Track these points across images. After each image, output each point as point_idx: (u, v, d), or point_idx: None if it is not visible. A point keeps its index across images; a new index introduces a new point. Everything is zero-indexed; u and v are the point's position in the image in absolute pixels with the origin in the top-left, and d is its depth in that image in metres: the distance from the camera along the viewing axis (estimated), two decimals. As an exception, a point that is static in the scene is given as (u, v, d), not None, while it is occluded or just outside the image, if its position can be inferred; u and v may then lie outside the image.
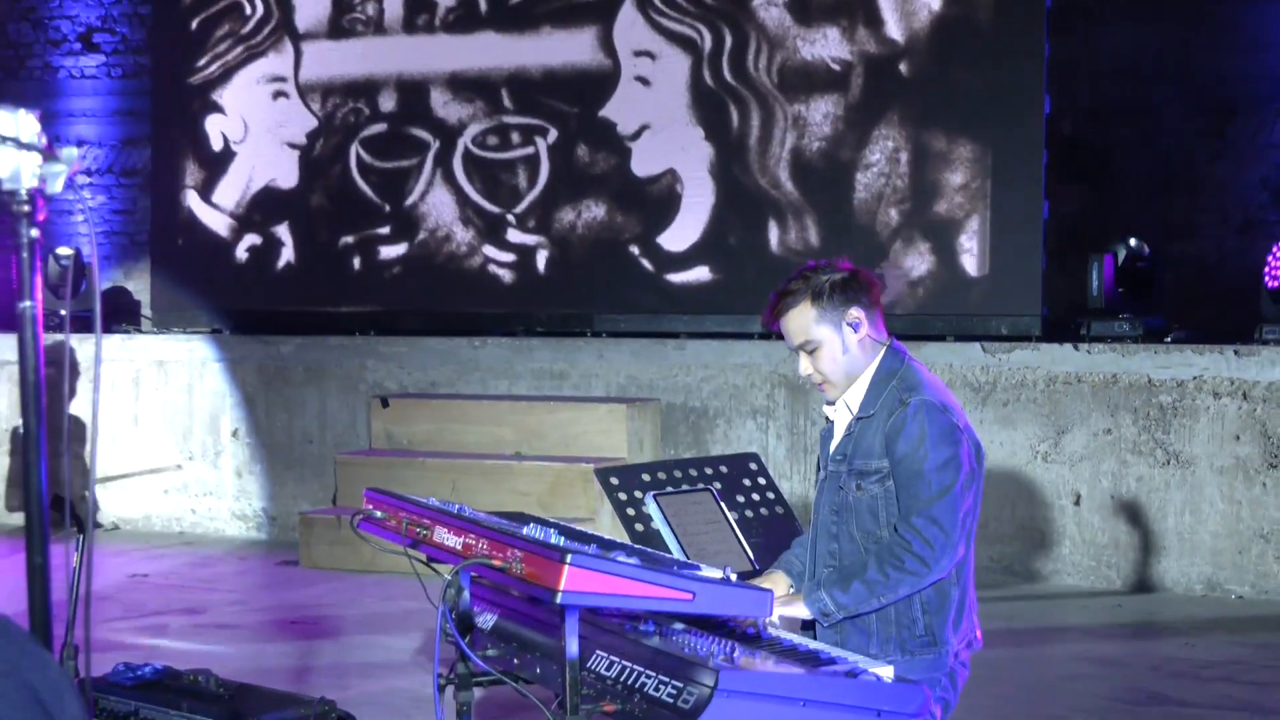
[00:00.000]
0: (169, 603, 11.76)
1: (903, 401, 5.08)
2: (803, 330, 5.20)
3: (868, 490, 5.10)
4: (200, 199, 15.87)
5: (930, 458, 5.00)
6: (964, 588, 5.18)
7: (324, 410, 14.48)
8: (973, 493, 5.10)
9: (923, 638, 5.10)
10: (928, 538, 4.95)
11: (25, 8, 17.98)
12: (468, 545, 4.37)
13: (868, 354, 5.22)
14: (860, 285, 5.23)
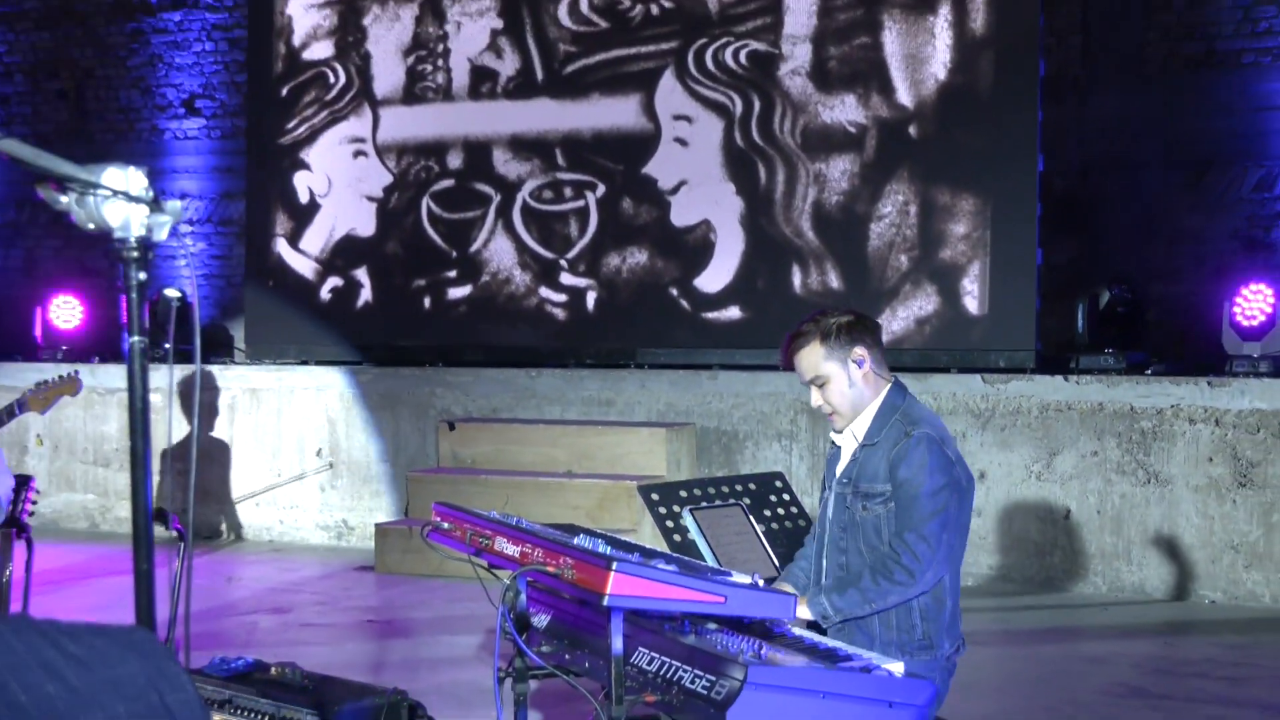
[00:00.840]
0: (259, 603, 11.79)
1: (907, 433, 5.12)
2: (813, 367, 5.25)
3: (873, 510, 5.13)
4: (289, 246, 15.92)
5: (927, 484, 5.04)
6: (955, 599, 5.21)
7: (397, 433, 14.50)
8: (958, 518, 5.12)
9: (921, 641, 5.12)
10: (917, 553, 4.99)
11: (135, 77, 18.08)
12: (525, 553, 4.39)
13: (872, 388, 5.26)
14: (864, 327, 5.30)
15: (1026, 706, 8.66)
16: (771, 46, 13.92)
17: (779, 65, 13.89)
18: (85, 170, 3.80)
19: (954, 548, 5.14)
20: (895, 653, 5.10)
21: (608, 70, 14.60)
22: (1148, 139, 13.70)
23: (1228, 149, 13.43)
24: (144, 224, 3.90)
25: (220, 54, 17.69)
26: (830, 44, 13.70)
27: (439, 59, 15.32)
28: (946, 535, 5.06)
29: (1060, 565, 12.17)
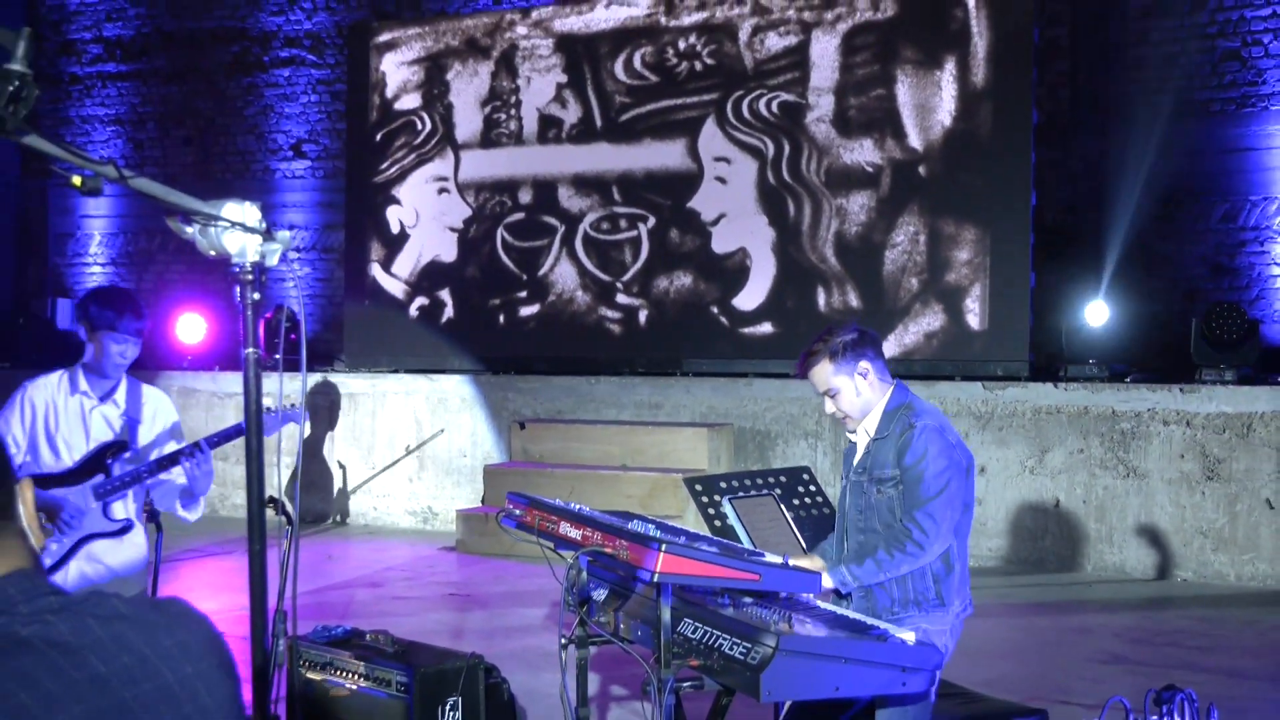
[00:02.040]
0: (356, 578, 11.81)
1: (910, 425, 5.13)
2: (824, 381, 5.27)
3: (885, 493, 5.14)
4: (382, 270, 15.97)
5: (930, 468, 5.04)
6: (964, 564, 5.22)
7: (475, 431, 14.52)
8: (961, 496, 5.13)
9: (934, 600, 5.12)
10: (924, 529, 5.00)
11: (250, 125, 18.16)
12: (586, 536, 4.37)
13: (877, 392, 5.27)
14: (866, 342, 5.31)
15: (1023, 671, 8.62)
16: (799, 97, 13.92)
17: (806, 114, 13.88)
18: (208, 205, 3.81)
19: (959, 520, 5.15)
20: (912, 608, 5.13)
21: (657, 118, 14.61)
22: (1127, 177, 13.65)
23: (1197, 186, 13.40)
24: (258, 251, 3.91)
25: (323, 105, 17.76)
26: (850, 95, 13.69)
27: (512, 108, 15.35)
28: (950, 511, 5.06)
29: (1051, 548, 12.12)
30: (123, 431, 5.95)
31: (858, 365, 5.26)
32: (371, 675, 5.81)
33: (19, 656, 1.94)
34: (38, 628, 1.98)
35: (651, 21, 14.71)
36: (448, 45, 15.74)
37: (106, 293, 6.11)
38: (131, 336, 5.88)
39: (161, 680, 2.06)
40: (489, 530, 12.68)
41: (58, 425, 5.92)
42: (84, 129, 19.26)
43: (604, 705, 7.51)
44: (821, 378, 5.30)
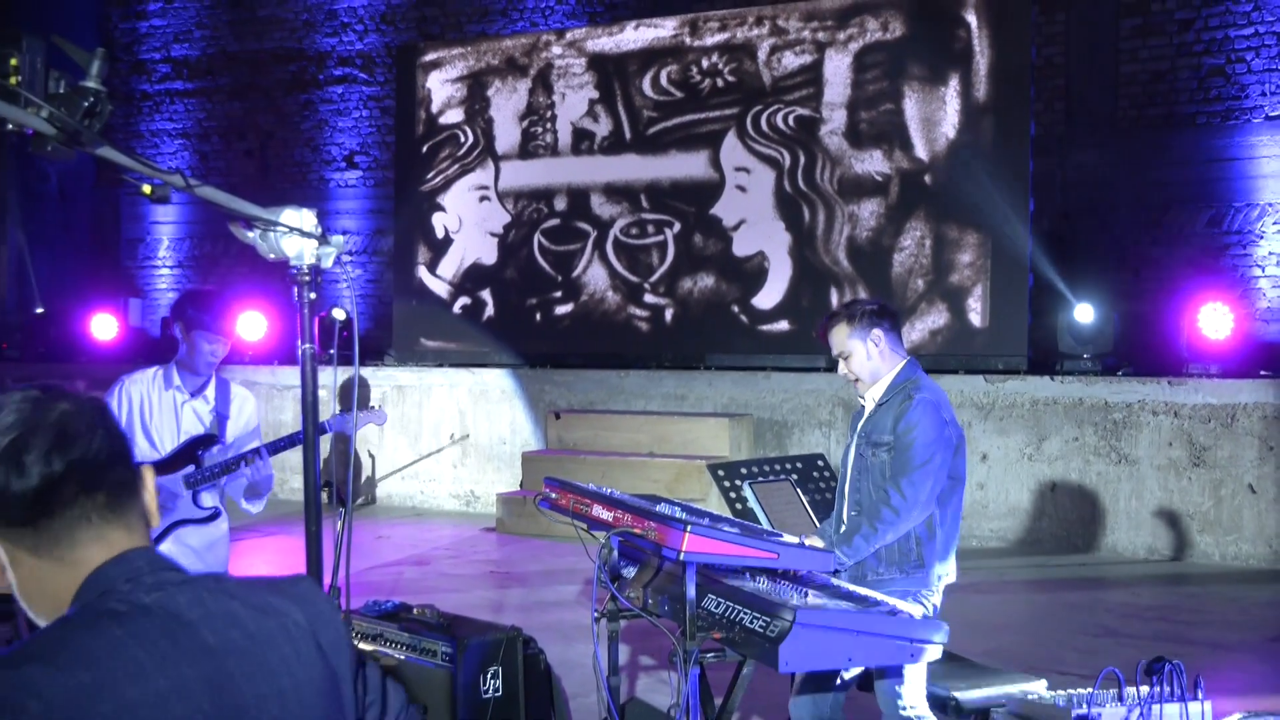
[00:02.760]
0: (404, 556, 11.83)
1: (909, 396, 5.20)
2: (840, 342, 5.34)
3: (879, 457, 5.19)
4: (428, 272, 15.99)
5: (919, 439, 5.08)
6: (949, 532, 5.25)
7: (514, 421, 14.53)
8: (947, 469, 5.14)
9: (915, 561, 5.15)
10: (904, 495, 5.04)
11: (307, 138, 18.22)
12: (616, 518, 4.37)
13: (888, 363, 5.33)
14: (883, 314, 5.39)
15: (1021, 642, 8.60)
16: (814, 112, 13.90)
17: (820, 127, 13.86)
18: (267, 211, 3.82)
19: (945, 490, 5.17)
20: (895, 569, 5.17)
21: (682, 131, 14.61)
22: (1118, 186, 13.64)
23: (1184, 193, 13.37)
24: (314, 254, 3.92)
25: (374, 119, 17.80)
26: (861, 109, 13.67)
27: (547, 122, 15.36)
28: (933, 482, 5.09)
29: (1048, 530, 12.09)
30: (212, 426, 5.99)
31: (871, 332, 5.33)
32: (418, 646, 5.82)
33: (140, 620, 2.03)
34: (159, 596, 2.09)
35: (677, 42, 14.71)
36: (489, 64, 15.75)
37: (200, 295, 6.15)
38: (222, 336, 5.93)
39: (263, 658, 2.14)
40: (527, 512, 12.69)
41: (152, 417, 5.96)
42: (153, 142, 19.33)
43: (633, 674, 7.51)
44: (838, 339, 5.38)
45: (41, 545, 2.09)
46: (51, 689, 1.90)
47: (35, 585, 2.11)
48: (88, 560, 2.10)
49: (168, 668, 2.01)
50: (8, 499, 2.07)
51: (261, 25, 18.60)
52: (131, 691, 1.95)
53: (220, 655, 2.09)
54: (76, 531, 2.11)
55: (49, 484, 2.08)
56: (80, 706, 1.90)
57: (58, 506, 2.09)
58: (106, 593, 2.07)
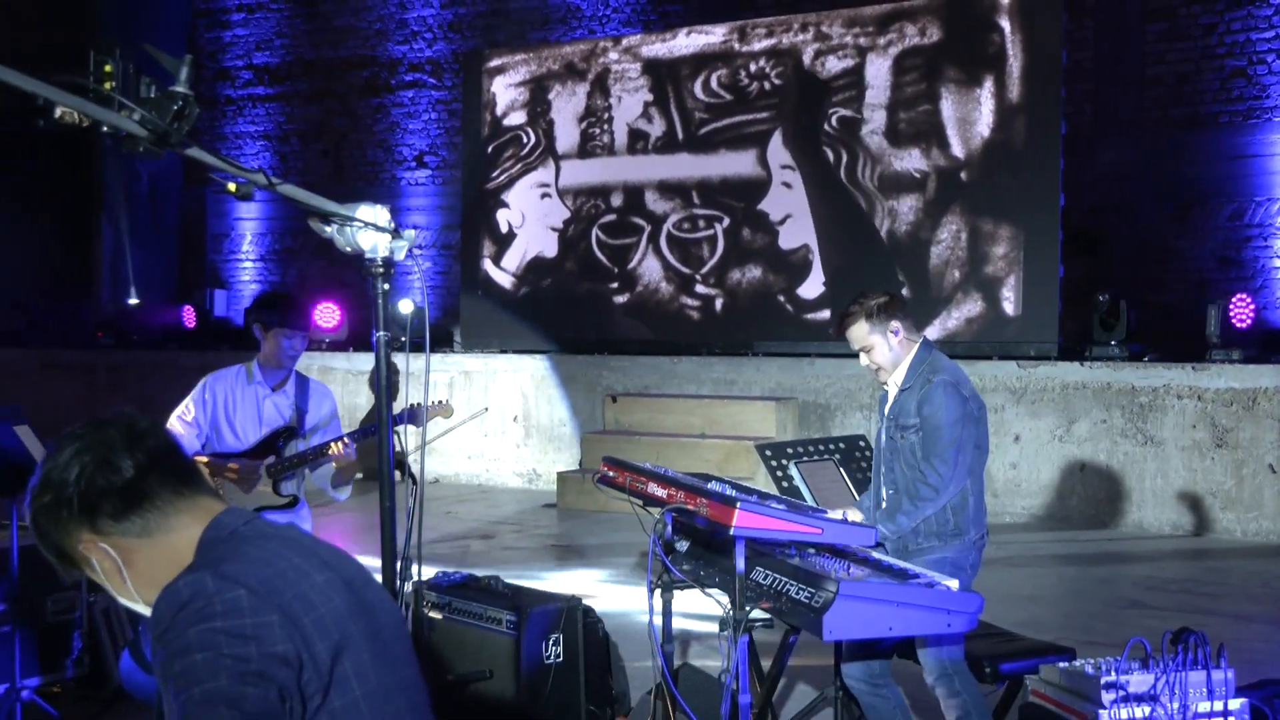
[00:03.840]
0: (471, 531, 11.88)
1: (929, 380, 5.19)
2: (860, 339, 5.33)
3: (908, 439, 5.19)
4: (493, 264, 16.03)
5: (944, 420, 5.08)
6: (979, 497, 5.26)
7: (574, 404, 14.55)
8: (973, 440, 5.14)
9: (953, 530, 5.15)
10: (940, 473, 5.06)
11: (379, 139, 18.29)
12: (670, 495, 4.37)
13: (905, 348, 5.31)
14: (896, 305, 5.36)
15: (1052, 613, 8.55)
16: (856, 113, 13.84)
17: (861, 126, 13.81)
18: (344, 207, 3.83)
19: (973, 461, 5.17)
20: (934, 539, 5.18)
21: (731, 131, 14.58)
22: (1145, 182, 13.53)
23: (1207, 189, 13.26)
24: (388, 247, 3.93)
25: (442, 121, 17.84)
26: (900, 110, 13.60)
27: (605, 124, 15.36)
28: (962, 456, 5.10)
29: (1077, 507, 12.02)
30: (292, 419, 6.04)
31: (889, 325, 5.31)
32: (485, 615, 5.83)
33: (275, 542, 2.35)
34: (275, 529, 2.40)
35: (726, 47, 14.67)
36: (550, 69, 15.76)
37: (276, 297, 6.25)
38: (300, 332, 6.03)
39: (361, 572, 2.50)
40: (585, 489, 12.73)
41: (235, 411, 6.03)
42: (237, 144, 19.45)
43: (686, 642, 7.52)
44: (858, 335, 5.36)
45: (151, 525, 2.32)
46: (249, 579, 2.18)
47: (152, 566, 2.33)
48: (194, 524, 2.35)
49: (316, 568, 2.32)
50: (113, 496, 2.30)
51: (337, 34, 18.68)
52: (303, 583, 2.26)
53: (339, 568, 2.40)
54: (176, 503, 2.35)
55: (141, 472, 2.32)
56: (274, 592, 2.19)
57: (154, 488, 2.33)
58: (232, 534, 2.34)
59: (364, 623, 2.33)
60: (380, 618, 2.41)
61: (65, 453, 2.35)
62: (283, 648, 2.14)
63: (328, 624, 2.24)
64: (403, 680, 2.41)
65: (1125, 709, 4.10)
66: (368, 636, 2.32)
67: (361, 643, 2.30)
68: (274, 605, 2.17)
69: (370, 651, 2.31)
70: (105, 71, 2.90)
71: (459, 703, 5.77)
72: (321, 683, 2.19)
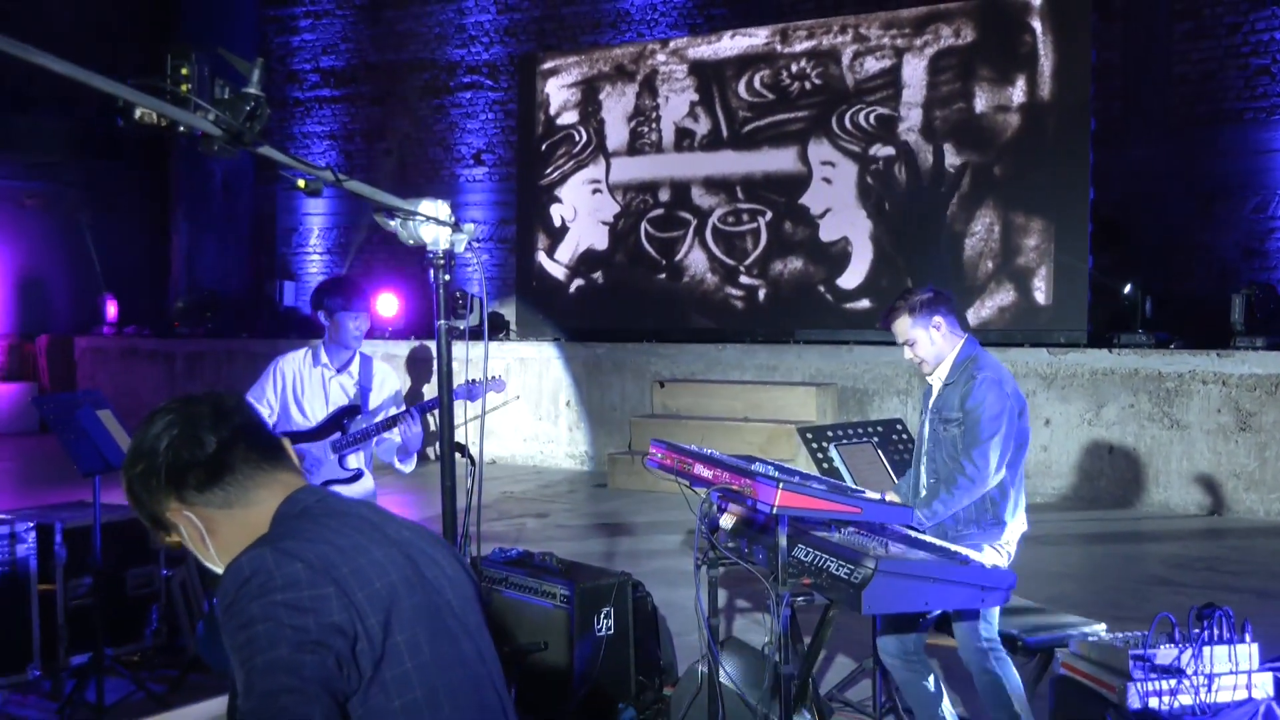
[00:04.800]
0: (526, 509, 11.91)
1: (973, 376, 5.17)
2: (904, 332, 5.30)
3: (950, 432, 5.17)
4: (547, 256, 16.06)
5: (985, 414, 5.07)
6: (1018, 489, 5.24)
7: (624, 389, 14.56)
8: (1013, 435, 5.14)
9: (990, 520, 5.14)
10: (977, 464, 5.05)
11: (439, 139, 18.35)
12: (716, 475, 4.36)
13: (949, 343, 5.29)
14: (940, 301, 5.33)
15: (1081, 590, 8.50)
16: (893, 110, 13.78)
17: (898, 124, 13.75)
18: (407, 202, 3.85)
19: (1013, 456, 5.15)
20: (974, 526, 5.16)
21: (774, 129, 14.54)
22: (1172, 176, 13.42)
23: (1231, 183, 13.15)
24: (448, 240, 3.94)
25: (498, 121, 17.88)
26: (936, 108, 13.53)
27: (653, 122, 15.35)
28: (1001, 450, 5.07)
29: (1106, 488, 11.94)
30: (356, 397, 6.11)
31: (932, 319, 5.27)
32: (539, 589, 5.86)
33: (340, 520, 2.38)
34: (345, 507, 2.44)
35: (769, 49, 14.63)
36: (600, 71, 15.76)
37: (338, 282, 6.29)
38: (363, 312, 6.12)
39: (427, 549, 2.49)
40: (635, 470, 12.74)
41: (303, 391, 6.09)
42: (305, 144, 19.55)
43: (730, 616, 7.52)
44: (902, 329, 5.32)
45: (231, 497, 2.39)
46: (306, 554, 2.21)
47: (233, 535, 2.39)
48: (271, 498, 2.41)
49: (376, 546, 2.34)
50: (197, 468, 2.37)
51: (399, 39, 18.74)
52: (360, 559, 2.28)
53: (403, 545, 2.42)
54: (256, 477, 2.41)
55: (224, 447, 2.38)
56: (330, 567, 2.22)
57: (236, 462, 2.39)
58: (303, 511, 2.39)
59: (420, 598, 2.34)
60: (444, 594, 2.42)
61: (157, 425, 2.41)
62: (339, 618, 2.18)
63: (381, 598, 2.25)
64: (463, 655, 2.40)
65: (1153, 681, 4.07)
66: (424, 611, 2.33)
67: (416, 617, 2.31)
68: (330, 579, 2.20)
69: (426, 626, 2.32)
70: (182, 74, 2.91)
71: (515, 673, 5.79)
72: (374, 654, 2.21)
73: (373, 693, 2.21)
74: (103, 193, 19.78)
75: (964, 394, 5.15)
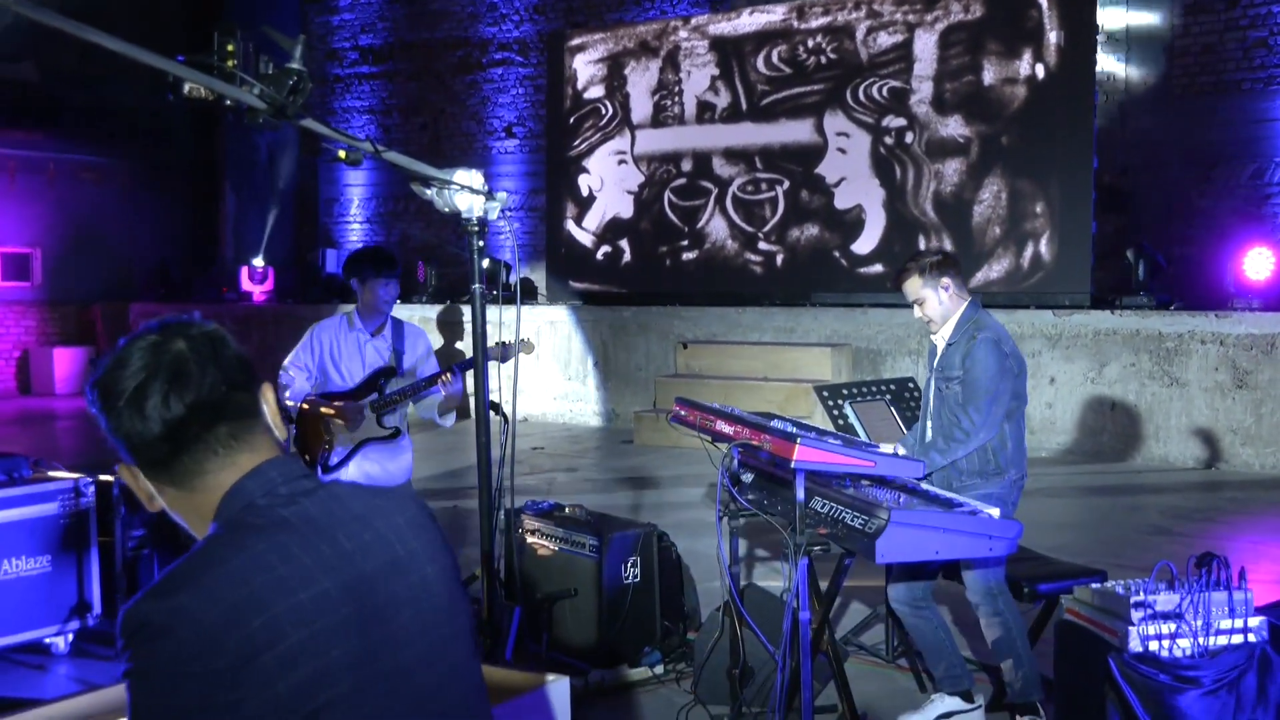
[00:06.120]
0: (557, 464, 11.94)
1: (973, 336, 5.15)
2: (914, 292, 5.28)
3: (952, 389, 5.16)
4: (575, 225, 16.04)
5: (984, 373, 5.05)
6: (1018, 441, 5.22)
7: (648, 350, 14.56)
8: (1010, 392, 5.12)
9: (994, 469, 5.12)
10: (973, 420, 5.04)
11: (472, 112, 18.30)
12: (737, 431, 4.37)
13: (955, 304, 5.26)
14: (948, 263, 5.31)
15: (1084, 539, 8.49)
16: (904, 83, 13.70)
17: (910, 96, 13.67)
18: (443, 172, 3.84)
19: (1012, 409, 5.13)
20: (977, 477, 5.15)
21: (791, 102, 14.47)
22: (1172, 145, 13.31)
23: (1230, 151, 13.03)
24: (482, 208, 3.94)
25: (528, 96, 17.82)
26: (946, 81, 13.45)
27: (675, 96, 15.30)
28: (996, 407, 5.06)
29: (1108, 443, 11.90)
30: (391, 359, 6.13)
31: (941, 280, 5.25)
32: (570, 540, 5.88)
33: (280, 533, 1.93)
34: (295, 509, 1.98)
35: (786, 25, 14.55)
36: (625, 47, 15.70)
37: (369, 251, 6.32)
38: (395, 280, 6.12)
39: (393, 553, 2.04)
40: (659, 427, 12.75)
41: (340, 355, 6.13)
42: (344, 118, 19.54)
43: (750, 564, 7.54)
44: (912, 289, 5.30)
45: (178, 478, 2.00)
46: (202, 612, 1.81)
47: (181, 509, 2.03)
48: (221, 484, 2.00)
49: (310, 580, 1.91)
50: (137, 444, 1.98)
51: (433, 17, 18.68)
52: (279, 605, 1.86)
53: (358, 559, 1.99)
54: (205, 462, 1.99)
55: (171, 428, 1.96)
56: (232, 624, 1.81)
57: (185, 444, 1.98)
58: (247, 507, 1.98)
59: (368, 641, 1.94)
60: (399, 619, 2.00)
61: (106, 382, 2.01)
62: (224, 695, 1.79)
63: (306, 651, 1.86)
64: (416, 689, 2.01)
65: (1153, 625, 4.07)
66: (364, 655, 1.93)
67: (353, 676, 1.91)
68: (230, 644, 1.80)
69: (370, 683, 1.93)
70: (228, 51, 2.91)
71: (548, 618, 5.82)
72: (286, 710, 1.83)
73: None
74: (154, 165, 19.83)
75: (965, 353, 5.14)
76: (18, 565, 5.96)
